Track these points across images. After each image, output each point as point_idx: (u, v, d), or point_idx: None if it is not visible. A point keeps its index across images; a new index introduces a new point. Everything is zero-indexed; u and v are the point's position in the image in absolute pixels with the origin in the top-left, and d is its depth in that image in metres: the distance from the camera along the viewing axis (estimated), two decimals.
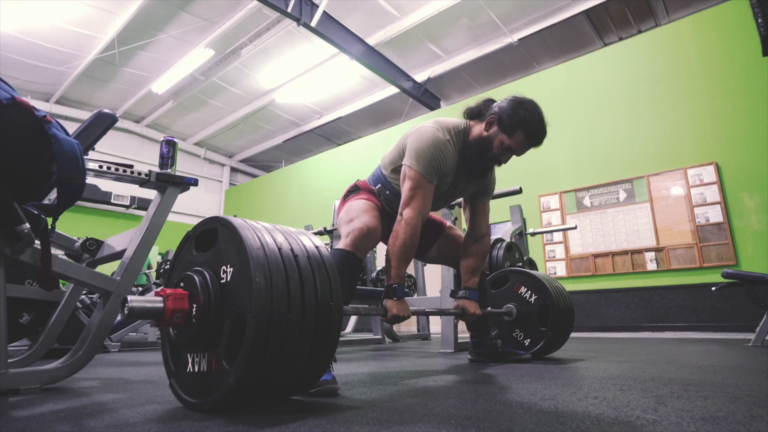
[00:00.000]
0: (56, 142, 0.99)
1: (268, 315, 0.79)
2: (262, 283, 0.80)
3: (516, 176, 5.96)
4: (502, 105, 1.52)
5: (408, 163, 1.48)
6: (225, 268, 0.88)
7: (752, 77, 4.52)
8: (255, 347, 0.78)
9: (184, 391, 0.93)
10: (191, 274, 0.91)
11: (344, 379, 1.39)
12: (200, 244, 0.99)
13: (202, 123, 9.27)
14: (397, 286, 1.39)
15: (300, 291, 0.86)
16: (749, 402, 0.89)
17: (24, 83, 7.40)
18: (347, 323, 4.85)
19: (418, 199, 1.45)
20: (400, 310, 1.37)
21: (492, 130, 1.52)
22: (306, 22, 5.56)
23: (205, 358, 0.89)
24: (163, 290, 0.89)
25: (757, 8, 2.10)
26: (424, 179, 1.46)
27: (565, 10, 5.85)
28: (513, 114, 1.48)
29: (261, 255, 0.83)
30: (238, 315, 0.83)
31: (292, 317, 0.83)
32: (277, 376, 0.85)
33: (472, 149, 1.54)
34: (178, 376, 0.96)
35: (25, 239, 1.02)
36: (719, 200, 4.53)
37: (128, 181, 1.39)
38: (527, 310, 1.97)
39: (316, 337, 0.87)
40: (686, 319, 4.47)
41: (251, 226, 0.91)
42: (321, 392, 1.06)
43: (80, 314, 2.55)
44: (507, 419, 0.77)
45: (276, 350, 0.81)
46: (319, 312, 0.88)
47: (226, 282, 0.87)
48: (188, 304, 0.88)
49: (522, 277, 2.01)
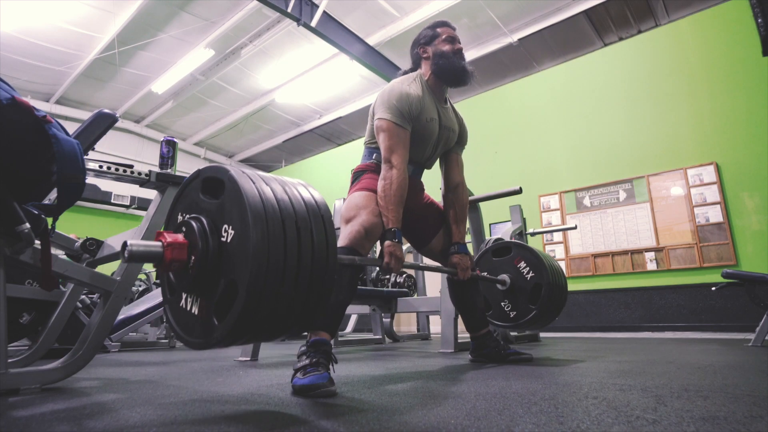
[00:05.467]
0: (56, 142, 0.99)
1: (261, 289, 0.79)
2: (260, 259, 0.79)
3: (516, 176, 5.97)
4: (414, 40, 1.80)
5: (377, 116, 1.58)
6: (227, 228, 0.86)
7: (752, 77, 4.53)
8: (244, 315, 0.79)
9: (175, 320, 0.95)
10: (194, 223, 0.89)
11: (344, 379, 1.39)
12: (207, 188, 0.96)
13: (202, 123, 9.26)
14: (396, 229, 1.46)
15: (296, 260, 0.85)
16: (749, 402, 0.89)
17: (24, 83, 7.39)
18: (347, 323, 4.84)
19: (398, 146, 1.54)
20: (398, 251, 1.45)
21: (429, 49, 1.73)
22: (306, 22, 5.56)
23: (197, 303, 0.89)
24: (163, 234, 0.88)
25: (757, 8, 2.10)
26: (396, 125, 1.55)
27: (565, 10, 5.85)
28: (424, 31, 1.79)
29: (263, 230, 0.81)
30: (232, 281, 0.83)
31: (285, 290, 0.83)
32: (264, 335, 0.89)
33: (438, 70, 1.69)
34: (172, 305, 0.97)
35: (25, 239, 1.02)
36: (719, 200, 4.53)
37: (128, 181, 1.40)
38: (521, 285, 2.01)
39: (306, 304, 0.88)
40: (686, 319, 4.47)
41: (259, 191, 0.86)
42: (317, 395, 1.06)
43: (80, 314, 2.55)
44: (507, 419, 0.77)
45: (265, 317, 0.83)
46: (313, 279, 0.88)
47: (226, 242, 0.86)
48: (187, 255, 0.88)
49: (524, 252, 2.04)
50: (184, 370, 1.74)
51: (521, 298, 2.00)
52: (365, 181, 1.63)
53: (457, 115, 1.84)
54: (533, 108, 6.18)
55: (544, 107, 6.08)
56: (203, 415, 0.86)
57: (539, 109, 6.11)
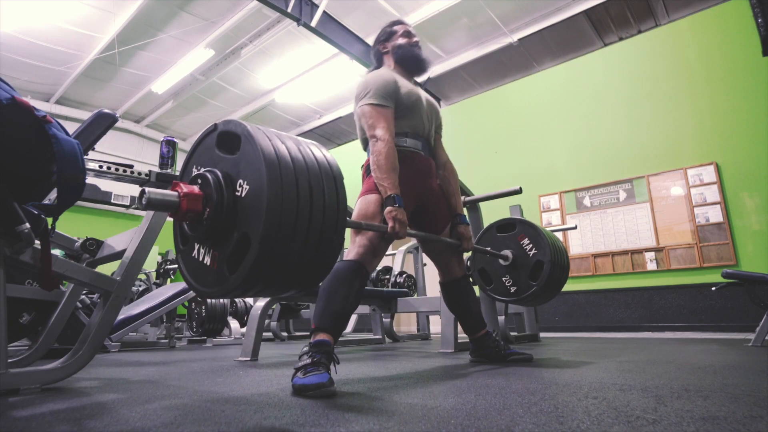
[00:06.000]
0: (56, 142, 0.99)
1: (273, 243, 0.81)
2: (274, 214, 0.81)
3: (516, 176, 5.97)
4: (374, 41, 1.89)
5: (358, 103, 1.61)
6: (242, 182, 0.87)
7: (752, 77, 4.52)
8: (256, 267, 0.81)
9: (188, 270, 0.96)
10: (209, 175, 0.90)
11: (344, 379, 1.39)
12: (223, 142, 0.96)
13: (202, 123, 9.26)
14: (395, 195, 1.47)
15: (308, 217, 0.86)
16: (749, 402, 0.89)
17: (24, 83, 7.39)
18: (347, 324, 4.83)
19: (380, 120, 1.56)
20: (400, 214, 1.46)
21: (388, 45, 1.82)
22: (306, 22, 5.55)
23: (210, 254, 0.91)
24: (179, 185, 0.89)
25: (757, 8, 2.10)
26: (374, 105, 1.57)
27: (565, 10, 5.85)
28: (382, 30, 1.87)
29: (278, 185, 0.82)
30: (245, 234, 0.84)
31: (296, 246, 0.85)
32: (274, 287, 0.91)
33: (400, 60, 1.79)
34: (185, 255, 0.99)
35: (25, 239, 1.02)
36: (719, 200, 4.53)
37: (128, 181, 1.40)
38: (523, 262, 2.02)
39: (314, 261, 0.90)
40: (686, 319, 4.47)
41: (274, 148, 0.87)
42: (317, 395, 1.06)
43: (80, 314, 2.55)
44: (507, 419, 0.77)
45: (276, 270, 0.84)
46: (322, 237, 0.89)
47: (241, 197, 0.87)
48: (202, 206, 0.89)
49: (528, 230, 2.05)
50: (184, 370, 1.74)
51: (522, 274, 2.02)
52: (370, 180, 1.61)
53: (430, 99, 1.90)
54: (533, 108, 6.17)
55: (544, 107, 6.07)
56: (203, 415, 0.86)
57: (539, 109, 6.11)
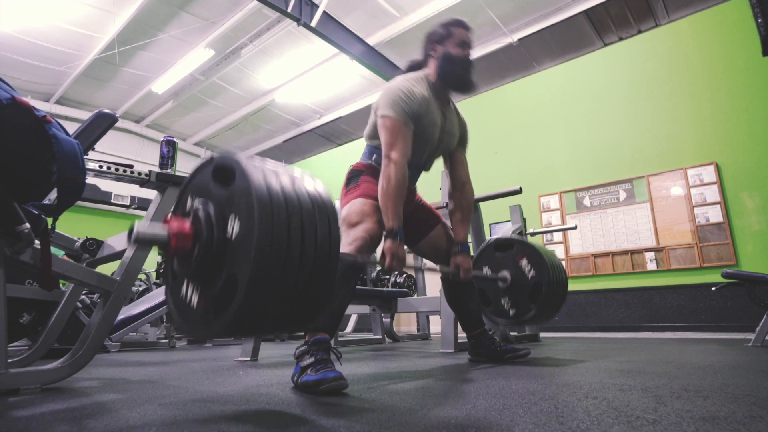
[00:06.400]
0: (56, 142, 0.99)
1: (261, 288, 0.79)
2: (262, 258, 0.79)
3: (516, 176, 5.97)
4: (427, 33, 1.74)
5: (380, 114, 1.55)
6: (233, 220, 0.86)
7: (752, 77, 4.52)
8: (242, 312, 0.79)
9: (176, 306, 0.95)
10: (201, 211, 0.89)
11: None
12: (218, 175, 0.95)
13: (202, 123, 9.26)
14: (397, 229, 1.44)
15: (299, 260, 0.84)
16: (749, 402, 0.89)
17: (24, 83, 7.39)
18: (347, 324, 4.84)
19: (399, 142, 1.50)
20: (400, 251, 1.43)
21: (440, 48, 1.67)
22: (306, 22, 5.55)
23: (197, 292, 0.89)
24: (170, 220, 0.88)
25: (757, 8, 2.10)
26: (399, 122, 1.52)
27: (565, 10, 5.85)
28: (438, 26, 1.71)
29: (268, 227, 0.80)
30: (233, 275, 0.82)
31: (285, 290, 0.83)
32: (262, 331, 0.91)
33: (443, 74, 1.65)
34: (174, 291, 0.97)
35: (25, 239, 1.02)
36: (719, 200, 4.53)
37: (128, 181, 1.40)
38: (521, 283, 2.00)
39: (306, 304, 0.88)
40: (686, 319, 4.47)
41: (267, 186, 0.84)
42: (331, 389, 1.09)
43: (80, 314, 2.55)
44: (507, 419, 0.77)
45: (263, 315, 0.83)
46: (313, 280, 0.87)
47: (231, 235, 0.86)
48: (192, 243, 0.87)
49: (527, 250, 2.02)
50: (184, 370, 1.74)
51: (521, 296, 1.99)
52: (366, 186, 1.61)
53: (459, 117, 1.81)
54: (533, 108, 6.17)
55: (544, 107, 6.07)
56: (203, 415, 0.86)
57: (539, 109, 6.11)
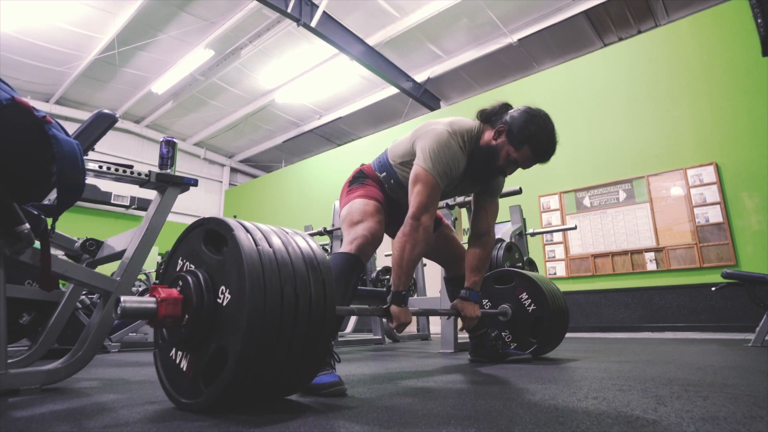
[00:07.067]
0: (56, 143, 0.98)
1: (251, 361, 0.77)
2: (253, 331, 0.77)
3: (516, 176, 5.93)
4: (515, 115, 1.49)
5: (423, 166, 1.44)
6: (224, 289, 0.83)
7: (752, 77, 4.52)
8: (231, 386, 0.77)
9: (164, 371, 0.94)
10: (191, 278, 0.87)
11: (344, 379, 1.38)
12: (210, 240, 0.94)
13: (202, 123, 9.27)
14: (405, 292, 1.41)
15: (292, 329, 0.82)
16: (749, 402, 0.89)
17: (24, 83, 7.39)
18: (347, 323, 4.84)
19: (432, 206, 1.44)
20: (406, 316, 1.39)
21: (500, 140, 1.49)
22: (306, 22, 5.56)
23: (187, 360, 0.88)
24: (157, 289, 0.86)
25: (757, 8, 2.10)
26: (438, 184, 1.45)
27: (565, 10, 5.86)
28: (523, 127, 1.46)
29: (260, 299, 0.78)
30: (222, 347, 0.80)
31: (277, 360, 0.81)
32: (252, 402, 0.87)
33: (478, 156, 1.52)
34: (161, 353, 0.96)
35: (25, 240, 1.02)
36: (719, 200, 4.52)
37: (128, 182, 1.39)
38: (522, 317, 1.97)
39: (298, 370, 0.86)
40: (686, 319, 4.47)
41: (260, 254, 0.82)
42: (330, 393, 1.08)
43: (80, 314, 2.55)
44: (507, 419, 0.77)
45: (253, 388, 0.81)
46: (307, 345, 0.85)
47: (221, 305, 0.83)
48: (181, 311, 0.85)
49: (526, 283, 1.99)
50: None
51: (522, 330, 1.96)
52: (369, 189, 1.60)
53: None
54: None
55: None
56: (201, 416, 0.86)
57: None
